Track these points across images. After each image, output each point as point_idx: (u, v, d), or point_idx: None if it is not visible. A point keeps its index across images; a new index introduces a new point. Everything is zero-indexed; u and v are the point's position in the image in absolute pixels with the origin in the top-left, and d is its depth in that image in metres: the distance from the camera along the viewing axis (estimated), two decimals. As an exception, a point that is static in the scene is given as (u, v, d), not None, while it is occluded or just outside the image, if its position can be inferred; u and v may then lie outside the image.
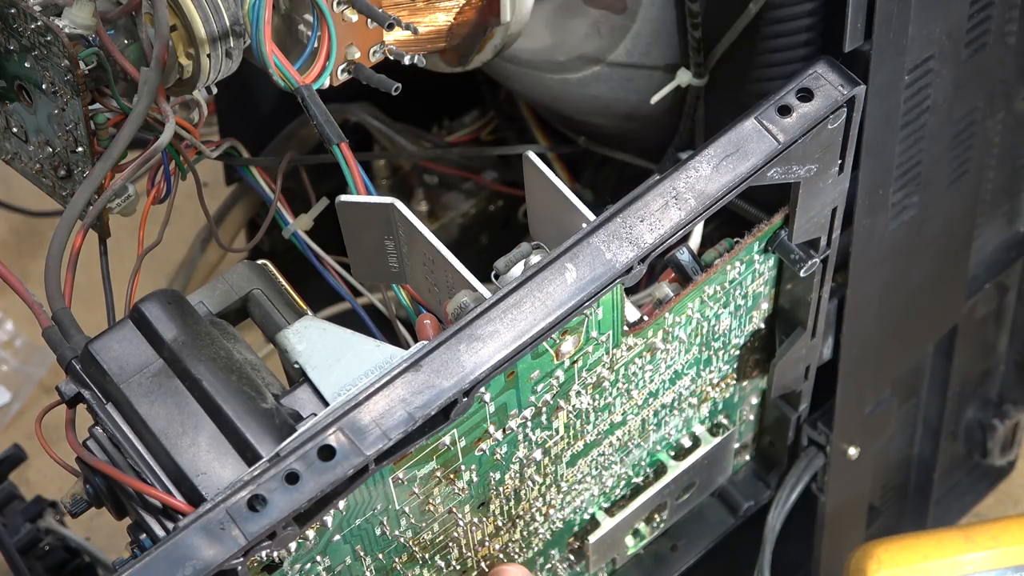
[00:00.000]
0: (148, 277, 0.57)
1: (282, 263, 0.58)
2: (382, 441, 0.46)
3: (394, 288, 0.59)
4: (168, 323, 0.50)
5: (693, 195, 0.51)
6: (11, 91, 0.57)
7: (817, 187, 0.55)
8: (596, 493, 0.62)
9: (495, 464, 0.55)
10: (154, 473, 0.48)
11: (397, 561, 0.55)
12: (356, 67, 0.60)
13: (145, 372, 0.49)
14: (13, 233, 1.14)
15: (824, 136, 0.53)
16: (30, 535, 0.82)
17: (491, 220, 0.88)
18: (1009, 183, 0.77)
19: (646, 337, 0.56)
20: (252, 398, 0.48)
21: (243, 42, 0.56)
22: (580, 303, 0.49)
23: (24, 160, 0.59)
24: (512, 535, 0.59)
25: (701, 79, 0.66)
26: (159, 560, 0.45)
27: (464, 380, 0.48)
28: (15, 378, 1.08)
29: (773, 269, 0.60)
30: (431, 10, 0.62)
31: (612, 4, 0.66)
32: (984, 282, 0.80)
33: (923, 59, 0.63)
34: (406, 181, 0.86)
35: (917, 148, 0.66)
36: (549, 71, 0.70)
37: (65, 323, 0.51)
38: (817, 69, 0.53)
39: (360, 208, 0.54)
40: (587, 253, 0.50)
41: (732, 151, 0.52)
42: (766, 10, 0.61)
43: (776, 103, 0.52)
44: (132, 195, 0.58)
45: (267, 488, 0.45)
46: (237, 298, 0.54)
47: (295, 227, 0.66)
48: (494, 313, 0.49)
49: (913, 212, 0.68)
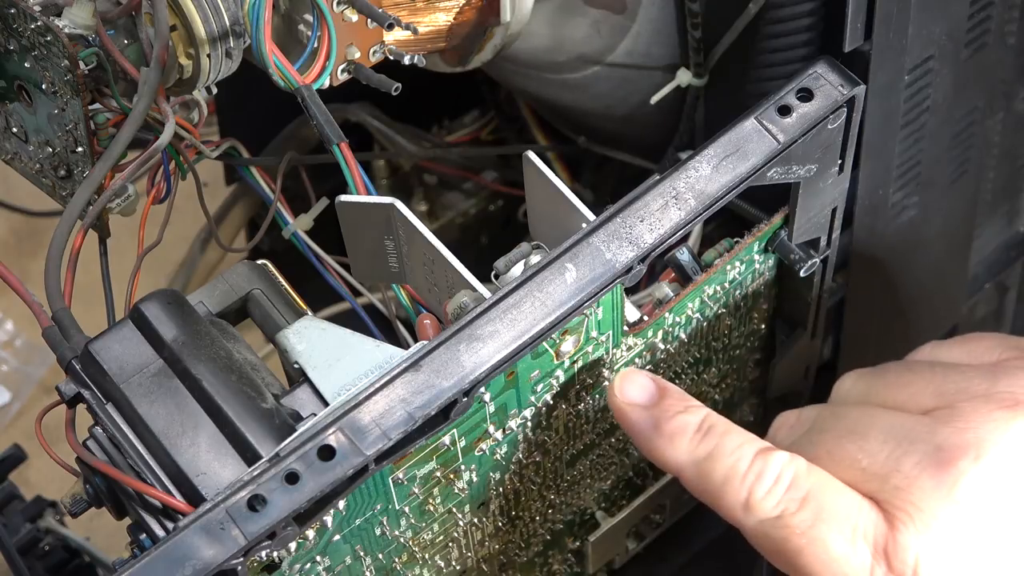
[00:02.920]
0: (148, 277, 0.57)
1: (282, 263, 0.58)
2: (382, 441, 0.46)
3: (394, 288, 0.59)
4: (168, 323, 0.50)
5: (693, 195, 0.51)
6: (11, 91, 0.57)
7: (817, 187, 0.55)
8: (596, 493, 0.62)
9: (495, 464, 0.55)
10: (154, 473, 0.48)
11: (397, 561, 0.55)
12: (356, 67, 0.60)
13: (145, 372, 0.49)
14: (13, 233, 1.14)
15: (824, 136, 0.53)
16: (30, 535, 0.82)
17: (491, 220, 0.88)
18: (1009, 183, 0.77)
19: (646, 337, 0.56)
20: (252, 398, 0.48)
21: (243, 42, 0.56)
22: (580, 303, 0.49)
23: (24, 160, 0.59)
24: (512, 535, 0.59)
25: (701, 79, 0.66)
26: (159, 560, 0.45)
27: (464, 380, 0.48)
28: (15, 378, 1.08)
29: (773, 269, 0.60)
30: (431, 10, 0.62)
31: (612, 4, 0.66)
32: (984, 282, 0.80)
33: (923, 59, 0.63)
34: (406, 181, 0.86)
35: (917, 148, 0.66)
36: (549, 71, 0.70)
37: (65, 323, 0.51)
38: (817, 69, 0.53)
39: (360, 208, 0.54)
40: (587, 253, 0.50)
41: (732, 151, 0.52)
42: (766, 10, 0.61)
43: (776, 103, 0.52)
44: (132, 195, 0.58)
45: (267, 488, 0.45)
46: (237, 298, 0.54)
47: (295, 227, 0.66)
48: (494, 313, 0.49)
49: (913, 212, 0.68)
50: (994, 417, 0.52)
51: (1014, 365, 0.54)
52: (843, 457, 0.53)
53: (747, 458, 0.52)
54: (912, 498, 0.51)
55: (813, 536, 0.51)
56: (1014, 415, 0.52)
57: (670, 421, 0.53)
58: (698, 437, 0.53)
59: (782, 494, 0.51)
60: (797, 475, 0.52)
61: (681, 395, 0.54)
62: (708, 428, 0.53)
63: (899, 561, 0.51)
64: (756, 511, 0.52)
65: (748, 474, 0.52)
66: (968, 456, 0.51)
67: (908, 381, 0.55)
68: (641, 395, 0.54)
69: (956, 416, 0.52)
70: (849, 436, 0.53)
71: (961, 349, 0.58)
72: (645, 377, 0.54)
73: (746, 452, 0.52)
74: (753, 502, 0.52)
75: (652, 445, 0.53)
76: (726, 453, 0.52)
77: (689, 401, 0.54)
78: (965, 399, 0.53)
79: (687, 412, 0.53)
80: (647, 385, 0.54)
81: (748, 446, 0.52)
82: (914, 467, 0.51)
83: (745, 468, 0.52)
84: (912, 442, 0.52)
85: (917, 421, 0.53)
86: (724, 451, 0.52)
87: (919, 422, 0.53)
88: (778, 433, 0.57)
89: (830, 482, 0.52)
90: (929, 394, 0.54)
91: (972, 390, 0.53)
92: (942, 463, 0.51)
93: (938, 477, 0.51)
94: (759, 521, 0.52)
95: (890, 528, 0.51)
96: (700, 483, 0.53)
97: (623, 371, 0.54)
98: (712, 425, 0.53)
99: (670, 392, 0.54)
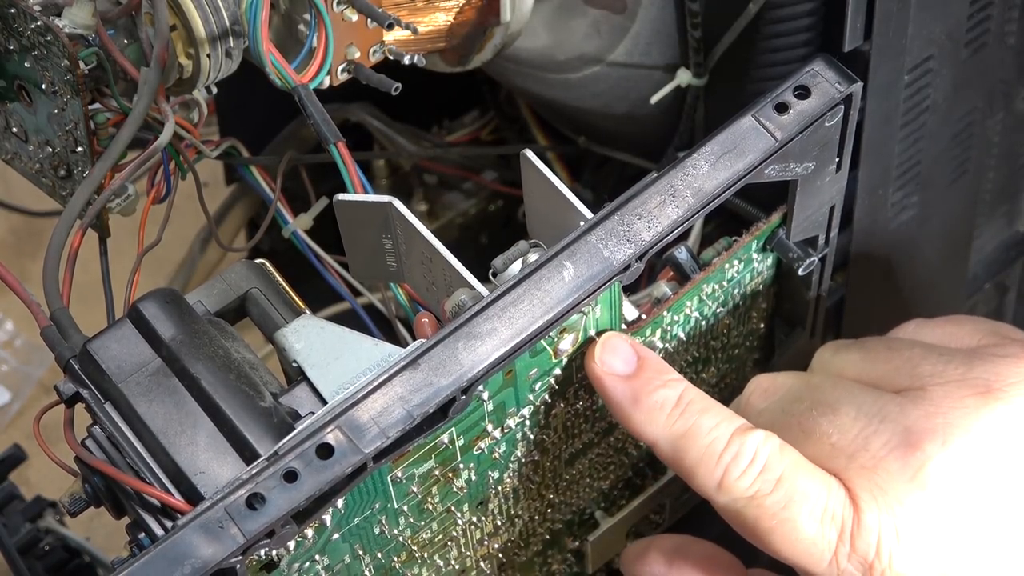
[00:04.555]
0: (148, 277, 0.57)
1: (282, 263, 0.58)
2: (380, 439, 0.46)
3: (392, 287, 0.59)
4: (166, 322, 0.50)
5: (691, 192, 0.51)
6: (11, 91, 0.57)
7: (815, 185, 0.55)
8: (595, 493, 0.62)
9: (494, 463, 0.55)
10: (152, 472, 0.48)
11: (396, 560, 0.55)
12: (356, 67, 0.60)
13: (143, 371, 0.49)
14: (13, 233, 1.14)
15: (821, 133, 0.53)
16: (30, 535, 0.82)
17: (491, 220, 0.88)
18: (1009, 183, 0.77)
19: (644, 335, 0.56)
20: (250, 397, 0.48)
21: (243, 42, 0.56)
22: (578, 301, 0.49)
23: (24, 160, 0.59)
24: (511, 534, 0.60)
25: (701, 79, 0.66)
26: (158, 559, 0.45)
27: (462, 378, 0.48)
28: (15, 378, 1.08)
29: (772, 268, 0.60)
30: (431, 10, 0.62)
31: (612, 4, 0.66)
32: (984, 282, 0.80)
33: (923, 59, 0.63)
34: (406, 181, 0.87)
35: (917, 148, 0.66)
36: (549, 71, 0.70)
37: (63, 323, 0.51)
38: (814, 66, 0.53)
39: (358, 207, 0.54)
40: (585, 251, 0.50)
41: (729, 148, 0.52)
42: (766, 10, 0.61)
43: (773, 100, 0.52)
44: (132, 195, 0.58)
45: (265, 487, 0.45)
46: (235, 297, 0.54)
47: (295, 227, 0.66)
48: (492, 311, 0.49)
49: (913, 212, 0.68)
50: (965, 403, 0.52)
51: (992, 352, 0.54)
52: (813, 430, 0.53)
53: (723, 438, 0.52)
54: (877, 479, 0.51)
55: (784, 517, 0.51)
56: (985, 402, 0.52)
57: (649, 396, 0.53)
58: (676, 413, 0.53)
59: (756, 475, 0.52)
60: (771, 456, 0.52)
61: (660, 366, 0.54)
62: (686, 404, 0.53)
63: (863, 542, 0.51)
64: (730, 491, 0.52)
65: (724, 454, 0.52)
66: (935, 441, 0.51)
67: (886, 359, 0.56)
68: (622, 367, 0.53)
69: (927, 399, 0.52)
70: (821, 409, 0.54)
71: (943, 331, 0.58)
72: (627, 346, 0.54)
73: (722, 432, 0.52)
74: (727, 482, 0.52)
75: (628, 417, 0.53)
76: (703, 432, 0.52)
77: (669, 374, 0.54)
78: (939, 383, 0.53)
79: (666, 386, 0.53)
80: (628, 356, 0.53)
81: (725, 425, 0.52)
82: (882, 447, 0.52)
83: (721, 448, 0.52)
84: (882, 421, 0.52)
85: (889, 400, 0.53)
86: (701, 430, 0.52)
87: (891, 401, 0.53)
88: (751, 397, 0.57)
89: (802, 464, 0.52)
90: (905, 374, 0.54)
91: (947, 374, 0.53)
92: (909, 446, 0.51)
93: (904, 459, 0.51)
94: (732, 499, 0.52)
95: (855, 509, 0.51)
96: (675, 458, 0.53)
97: (605, 337, 0.53)
98: (690, 401, 0.53)
99: (650, 363, 0.54)
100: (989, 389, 0.52)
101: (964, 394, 0.52)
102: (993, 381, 0.52)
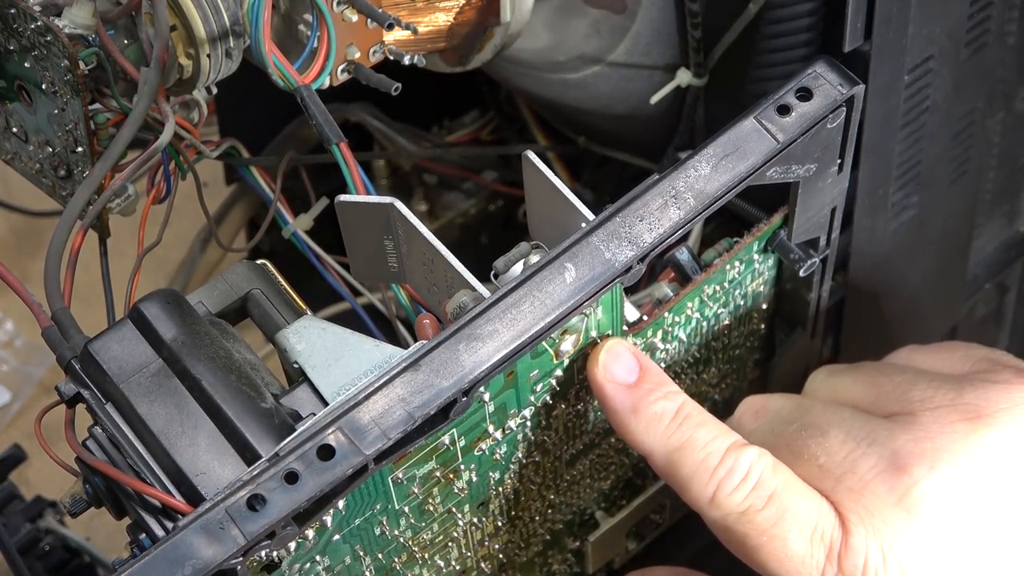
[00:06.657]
0: (148, 277, 0.57)
1: (282, 263, 0.58)
2: (381, 440, 0.46)
3: (393, 288, 0.59)
4: (167, 323, 0.50)
5: (692, 194, 0.51)
6: (11, 91, 0.57)
7: (816, 186, 0.55)
8: (596, 493, 0.62)
9: (494, 464, 0.55)
10: (153, 473, 0.48)
11: (396, 561, 0.55)
12: (356, 67, 0.60)
13: (144, 372, 0.49)
14: (13, 233, 1.14)
15: (823, 135, 0.53)
16: (30, 535, 0.82)
17: (491, 220, 0.88)
18: (1009, 183, 0.77)
19: (645, 337, 0.56)
20: (251, 398, 0.48)
21: (243, 42, 0.56)
22: (579, 302, 0.49)
23: (24, 160, 0.59)
24: (512, 535, 0.60)
25: (701, 79, 0.66)
26: (158, 560, 0.45)
27: (463, 379, 0.48)
28: (15, 378, 1.08)
29: (772, 269, 0.60)
30: (431, 10, 0.62)
31: (612, 4, 0.66)
32: (984, 282, 0.80)
33: (923, 59, 0.63)
34: (406, 181, 0.86)
35: (917, 148, 0.66)
36: (549, 71, 0.70)
37: (64, 323, 0.51)
38: (816, 68, 0.53)
39: (359, 208, 0.54)
40: (586, 252, 0.50)
41: (731, 150, 0.52)
42: (766, 10, 0.61)
43: (775, 102, 0.52)
44: (132, 195, 0.58)
45: (266, 488, 0.45)
46: (236, 298, 0.54)
47: (295, 227, 0.66)
48: (493, 312, 0.49)
49: (913, 212, 0.68)
50: (954, 428, 0.52)
51: (983, 378, 0.55)
52: (802, 451, 0.54)
53: (718, 453, 0.52)
54: (865, 502, 0.51)
55: (774, 534, 0.52)
56: (974, 427, 0.52)
57: (648, 406, 0.53)
58: (673, 425, 0.53)
59: (749, 491, 0.52)
60: (764, 473, 0.52)
61: (660, 377, 0.54)
62: (684, 417, 0.53)
63: (850, 563, 0.51)
64: (722, 505, 0.52)
65: (718, 469, 0.52)
66: (923, 465, 0.51)
67: (877, 383, 0.56)
68: (624, 375, 0.54)
69: (917, 424, 0.53)
70: (810, 431, 0.54)
71: (936, 356, 0.58)
72: (630, 354, 0.54)
73: (718, 446, 0.52)
74: (720, 497, 0.52)
75: (626, 426, 0.54)
76: (698, 446, 0.53)
77: (668, 385, 0.54)
78: (929, 408, 0.53)
79: (666, 398, 0.53)
80: (631, 365, 0.54)
81: (720, 440, 0.53)
82: (869, 470, 0.52)
83: (715, 463, 0.52)
84: (871, 444, 0.52)
85: (879, 424, 0.53)
86: (696, 443, 0.53)
87: (881, 425, 0.53)
88: (743, 417, 0.58)
89: (794, 482, 0.52)
90: (895, 399, 0.55)
91: (937, 399, 0.53)
92: (897, 469, 0.52)
93: (891, 483, 0.51)
94: (724, 514, 0.52)
95: (843, 530, 0.52)
96: (669, 470, 0.53)
97: (609, 344, 0.54)
98: (688, 414, 0.53)
99: (650, 373, 0.54)
100: (979, 415, 0.52)
101: (953, 419, 0.52)
102: (983, 407, 0.53)
